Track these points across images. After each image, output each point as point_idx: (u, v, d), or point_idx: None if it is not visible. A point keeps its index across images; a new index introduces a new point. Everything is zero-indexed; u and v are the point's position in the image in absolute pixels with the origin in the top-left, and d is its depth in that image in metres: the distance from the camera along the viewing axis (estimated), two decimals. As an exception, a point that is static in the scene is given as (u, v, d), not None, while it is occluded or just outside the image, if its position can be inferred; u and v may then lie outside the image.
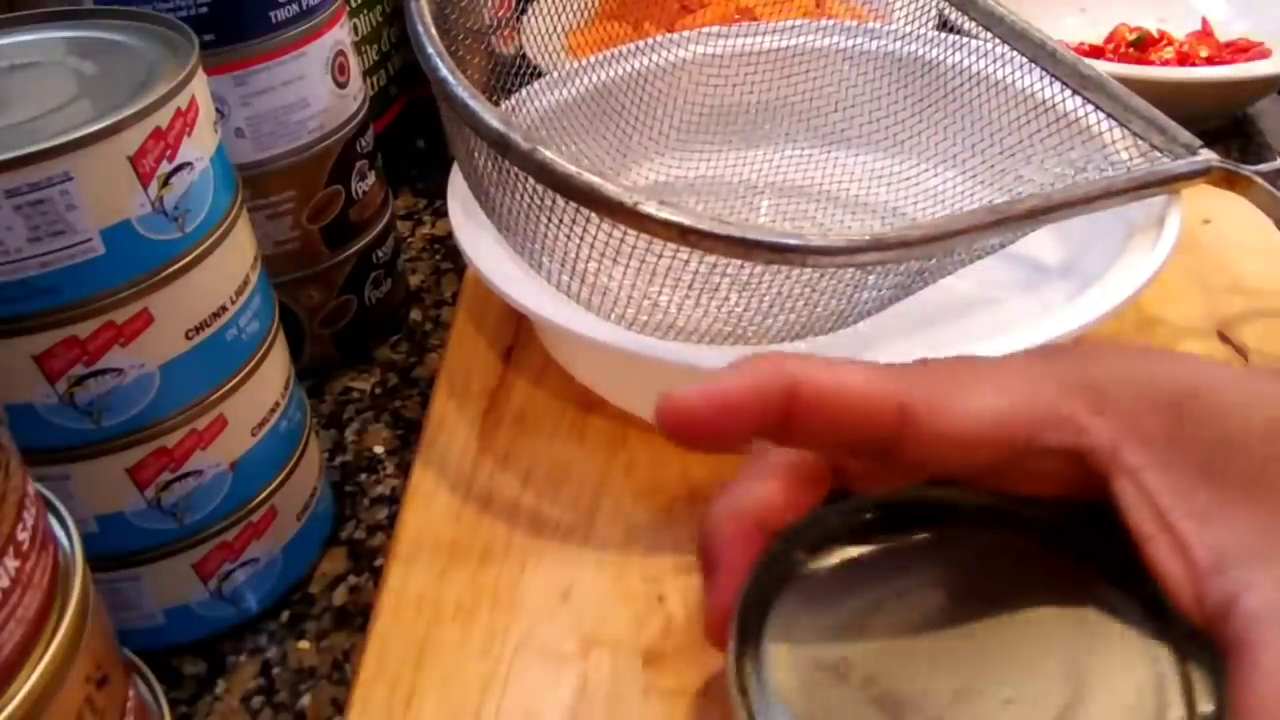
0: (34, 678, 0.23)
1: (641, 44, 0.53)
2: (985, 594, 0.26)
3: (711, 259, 0.34)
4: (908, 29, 0.52)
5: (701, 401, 0.25)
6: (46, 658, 0.23)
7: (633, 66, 0.53)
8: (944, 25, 0.52)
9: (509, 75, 0.50)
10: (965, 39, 0.50)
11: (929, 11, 0.53)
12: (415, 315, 0.53)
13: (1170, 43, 0.68)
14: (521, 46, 0.54)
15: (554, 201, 0.34)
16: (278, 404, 0.37)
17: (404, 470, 0.44)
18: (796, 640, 0.25)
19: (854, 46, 0.52)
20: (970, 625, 0.25)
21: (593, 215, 0.33)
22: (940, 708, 0.24)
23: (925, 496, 0.28)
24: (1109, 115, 0.44)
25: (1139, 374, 0.26)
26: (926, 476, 0.27)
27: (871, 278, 0.37)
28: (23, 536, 0.23)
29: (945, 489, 0.27)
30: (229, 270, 0.34)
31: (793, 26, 0.53)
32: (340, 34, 0.44)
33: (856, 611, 0.26)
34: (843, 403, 0.25)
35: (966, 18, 0.49)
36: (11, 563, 0.23)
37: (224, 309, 0.34)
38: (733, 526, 0.27)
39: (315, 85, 0.43)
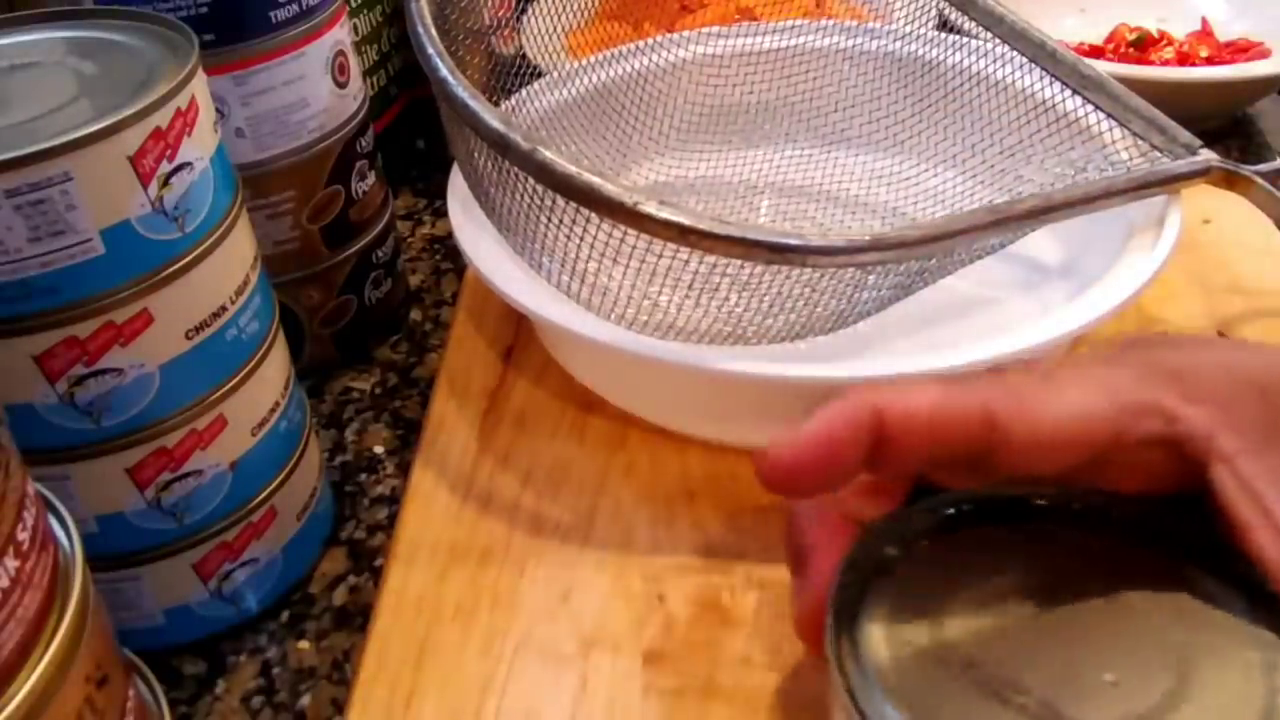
0: (34, 678, 0.23)
1: (641, 44, 0.53)
2: (1078, 585, 0.26)
3: (711, 259, 0.34)
4: (908, 29, 0.52)
5: (798, 451, 0.25)
6: (46, 658, 0.23)
7: (632, 67, 0.53)
8: (944, 25, 0.52)
9: (509, 75, 0.50)
10: (965, 39, 0.50)
11: (929, 11, 0.53)
12: (415, 315, 0.53)
13: (1170, 43, 0.68)
14: (521, 47, 0.54)
15: (554, 201, 0.34)
16: (278, 404, 0.37)
17: (404, 470, 0.44)
18: (893, 626, 0.25)
19: (854, 46, 0.52)
20: (1066, 613, 0.25)
21: (593, 215, 0.33)
22: (1043, 688, 0.24)
23: (1007, 493, 0.28)
24: (1109, 115, 0.44)
25: (1222, 361, 0.26)
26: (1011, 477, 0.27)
27: (871, 278, 0.37)
28: (23, 536, 0.23)
29: (1026, 485, 0.27)
30: (229, 270, 0.34)
31: (793, 26, 0.53)
32: (340, 34, 0.44)
33: (951, 600, 0.26)
34: (929, 422, 0.25)
35: (966, 18, 0.49)
36: (11, 563, 0.23)
37: (224, 309, 0.34)
38: (822, 520, 0.28)
39: (315, 85, 0.43)
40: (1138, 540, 0.27)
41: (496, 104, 0.36)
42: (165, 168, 0.31)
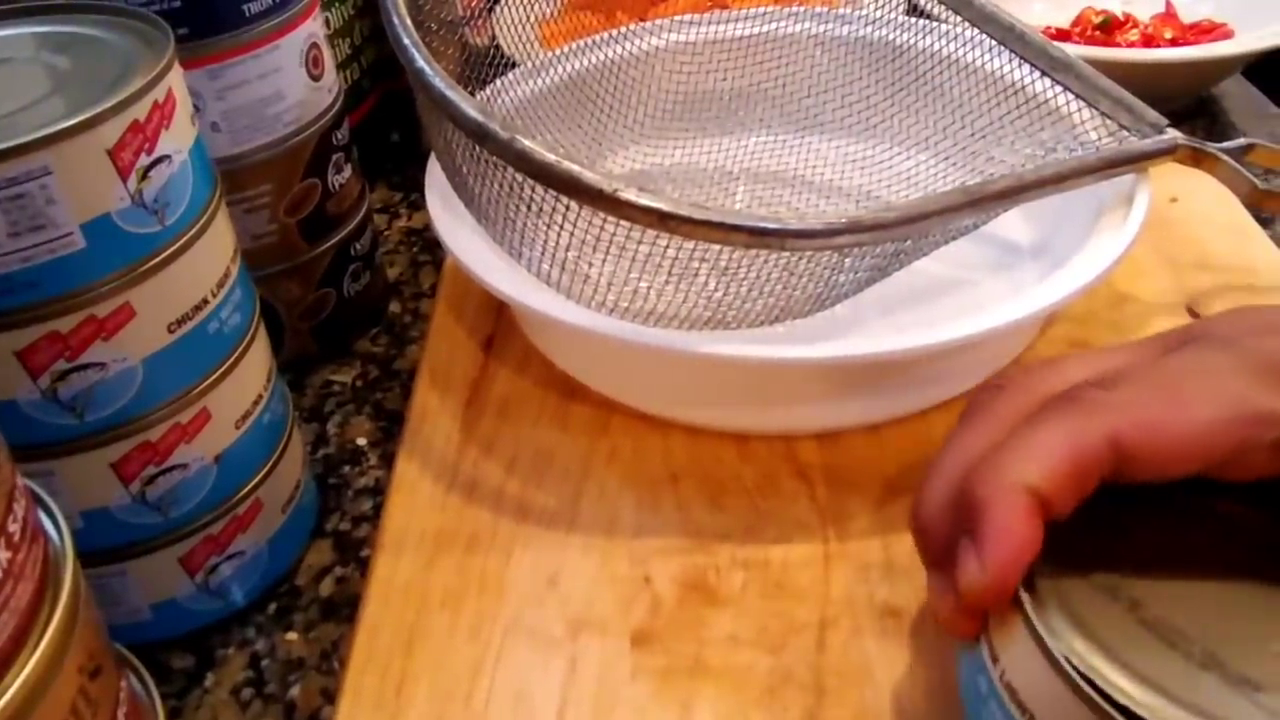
0: (28, 668, 0.23)
1: (614, 33, 0.53)
2: (1243, 555, 0.27)
3: (690, 244, 0.34)
4: (878, 14, 0.52)
5: (996, 577, 0.26)
6: (40, 649, 0.23)
7: (606, 55, 0.53)
8: (913, 10, 0.53)
9: (483, 66, 0.51)
10: (935, 23, 0.50)
11: (898, -4, 0.53)
12: (394, 308, 0.54)
13: (1135, 25, 0.69)
14: (495, 38, 0.54)
15: (533, 190, 0.34)
16: (260, 397, 0.37)
17: (387, 462, 0.44)
18: (1066, 564, 0.27)
19: (825, 32, 0.53)
20: (1233, 581, 0.26)
21: (572, 203, 0.34)
22: (1208, 641, 0.25)
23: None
24: (1077, 96, 0.45)
25: None
26: None
27: (848, 260, 0.38)
28: (13, 528, 0.23)
29: None
30: (210, 263, 0.34)
31: (764, 13, 0.53)
32: (314, 27, 0.44)
33: (1115, 549, 0.27)
34: (1074, 475, 0.26)
35: (935, 2, 0.50)
36: (3, 554, 0.23)
37: (205, 302, 0.34)
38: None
39: (290, 78, 0.43)
40: None
41: (472, 95, 0.36)
42: (144, 161, 0.31)
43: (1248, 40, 0.63)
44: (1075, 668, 0.24)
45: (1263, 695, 0.23)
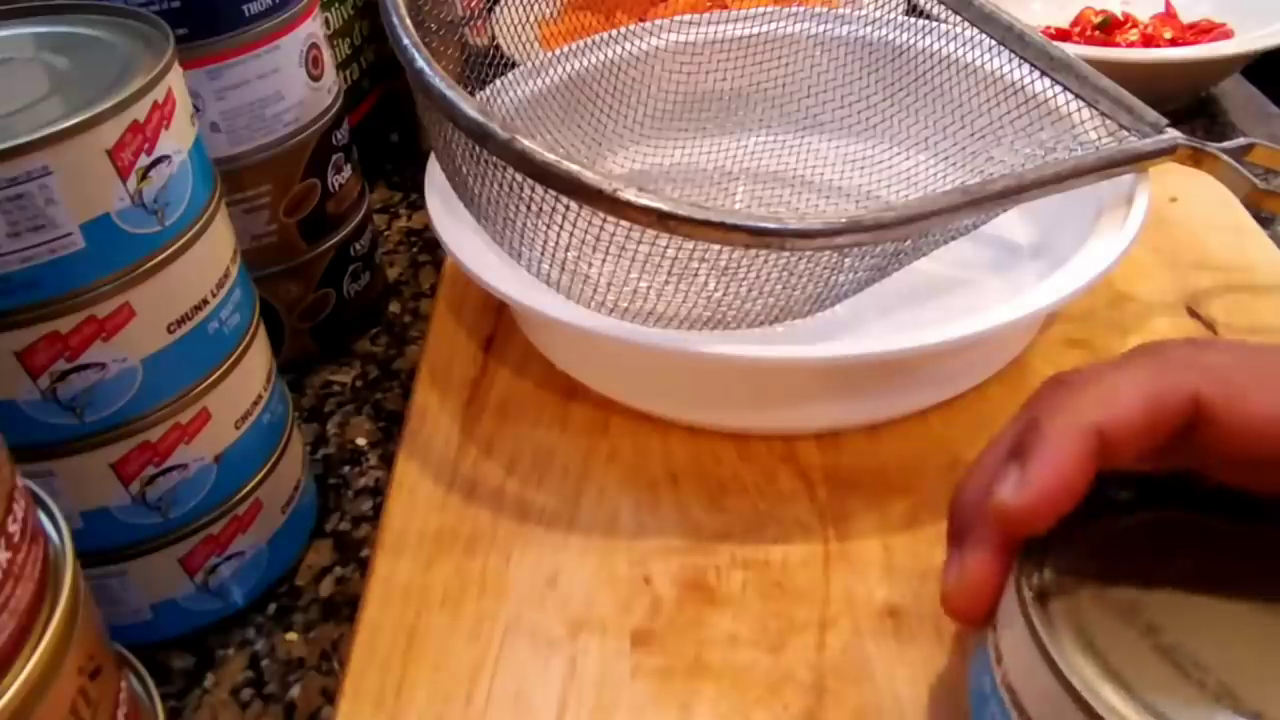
0: (28, 669, 0.23)
1: (614, 33, 0.53)
2: (1263, 578, 0.26)
3: (690, 244, 0.34)
4: (877, 14, 0.52)
5: (1039, 495, 0.25)
6: (40, 649, 0.23)
7: (606, 56, 0.53)
8: (913, 10, 0.53)
9: (483, 67, 0.51)
10: (934, 23, 0.50)
11: (898, -4, 0.53)
12: (394, 308, 0.54)
13: (1135, 25, 0.69)
14: (494, 38, 0.54)
15: (533, 190, 0.34)
16: (260, 397, 0.37)
17: (387, 462, 0.44)
18: (1078, 579, 0.26)
19: (825, 32, 0.53)
20: (1252, 605, 0.25)
21: (572, 203, 0.34)
22: (1224, 670, 0.24)
23: (1180, 478, 0.28)
24: (1077, 96, 0.45)
25: None
26: (1196, 465, 0.27)
27: (848, 260, 0.38)
28: (13, 528, 0.23)
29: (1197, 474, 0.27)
30: (209, 263, 0.34)
31: (764, 13, 0.54)
32: (313, 27, 0.44)
33: (1135, 568, 0.26)
34: (1146, 423, 0.25)
35: (935, 2, 0.50)
36: (3, 554, 0.23)
37: (205, 302, 0.34)
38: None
39: (290, 78, 0.43)
40: None
41: (472, 95, 0.36)
42: (144, 161, 0.31)
43: (1247, 40, 0.63)
44: (1074, 686, 0.23)
45: None
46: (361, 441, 0.46)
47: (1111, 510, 0.27)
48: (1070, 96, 0.45)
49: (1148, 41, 0.67)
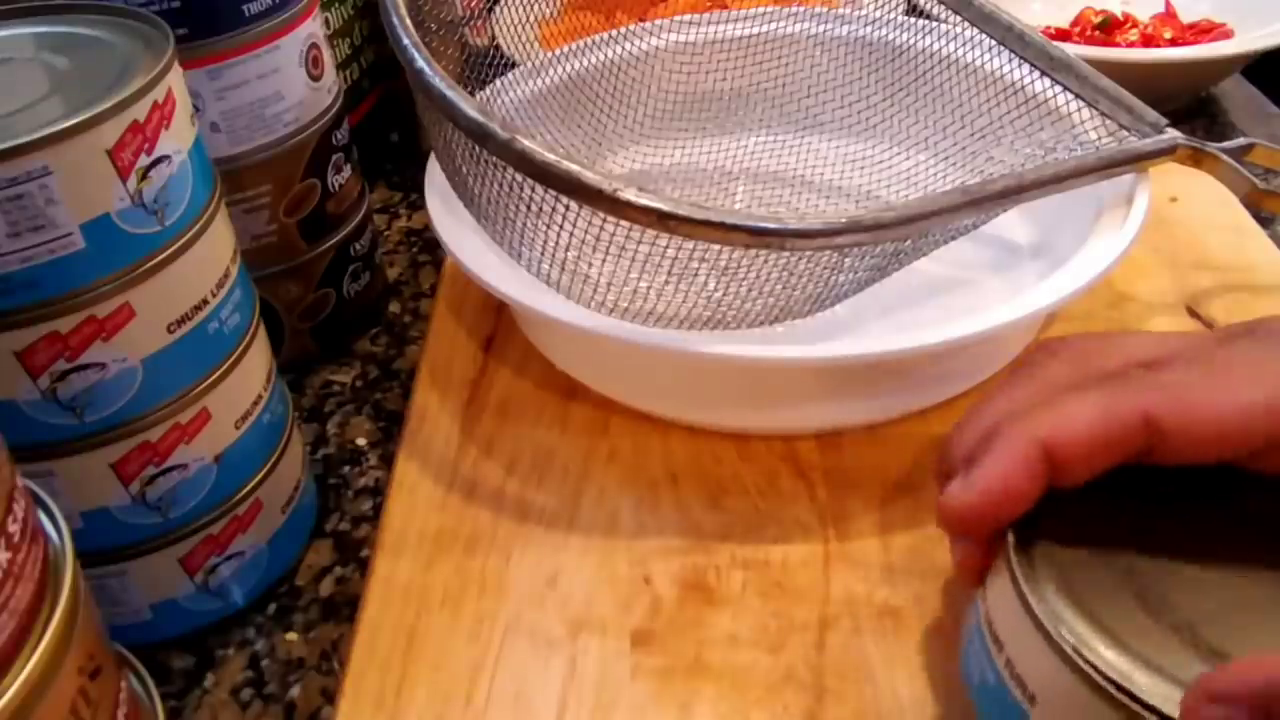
0: (28, 669, 0.23)
1: (614, 33, 0.53)
2: (1243, 538, 0.27)
3: (690, 244, 0.34)
4: (877, 14, 0.52)
5: (975, 501, 0.27)
6: (40, 649, 0.23)
7: (605, 56, 0.53)
8: (913, 10, 0.53)
9: (483, 67, 0.51)
10: (934, 23, 0.50)
11: (898, -4, 0.53)
12: (394, 308, 0.54)
13: (1135, 25, 0.69)
14: (494, 38, 0.54)
15: (533, 190, 0.34)
16: (260, 397, 0.37)
17: (387, 462, 0.44)
18: (1064, 526, 0.27)
19: (825, 32, 0.53)
20: (1229, 560, 0.27)
21: (572, 203, 0.34)
22: (1190, 612, 0.25)
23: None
24: (1077, 96, 0.45)
25: None
26: None
27: (848, 260, 0.38)
28: (13, 528, 0.23)
29: None
30: (209, 263, 0.34)
31: (764, 13, 0.54)
32: (313, 27, 0.44)
33: (1118, 520, 0.28)
34: (1094, 444, 0.26)
35: (935, 2, 0.50)
36: (3, 554, 0.23)
37: (205, 302, 0.34)
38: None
39: (290, 78, 0.43)
40: None
41: (472, 95, 0.36)
42: (144, 161, 0.31)
43: (1247, 40, 0.63)
44: (1040, 612, 0.25)
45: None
46: (361, 441, 0.46)
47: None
48: (1070, 96, 0.45)
49: (1148, 41, 0.67)
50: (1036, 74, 0.46)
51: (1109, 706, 0.24)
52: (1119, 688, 0.24)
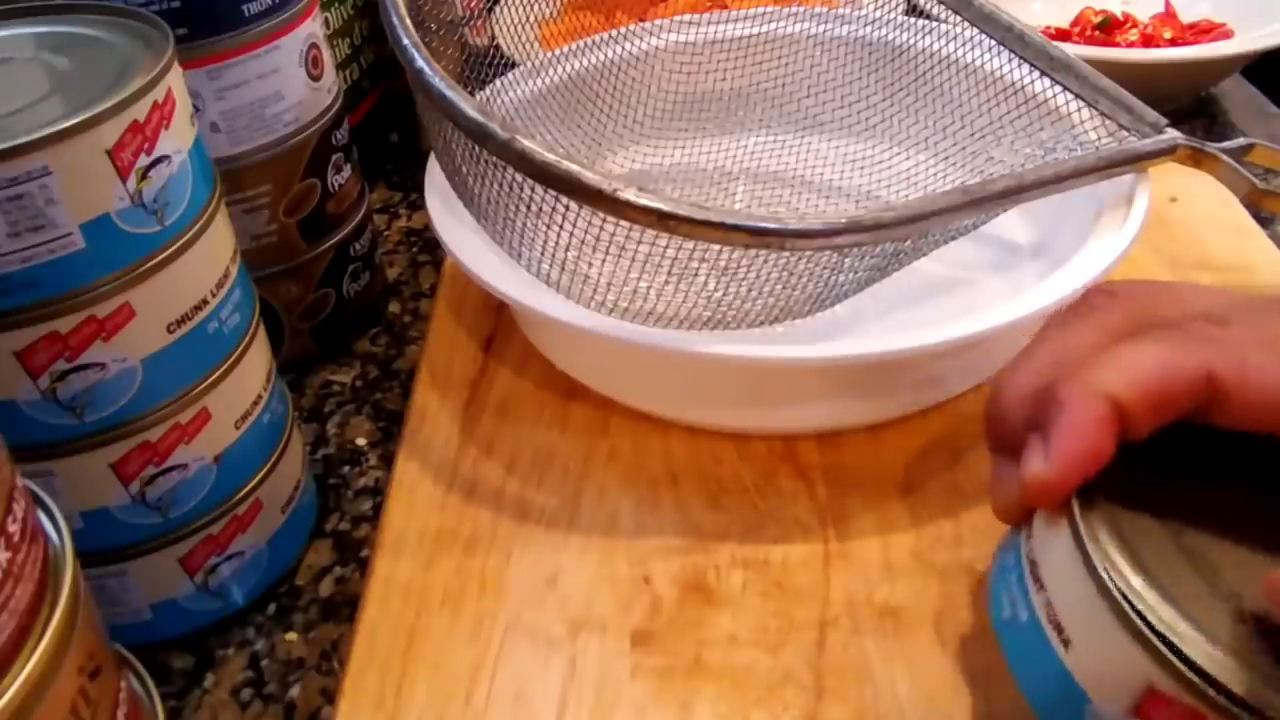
0: (28, 669, 0.23)
1: (614, 33, 0.53)
2: None
3: (690, 245, 0.34)
4: (877, 14, 0.52)
5: (1062, 469, 0.26)
6: (40, 649, 0.23)
7: (605, 56, 0.53)
8: (913, 10, 0.53)
9: (482, 67, 0.51)
10: (934, 23, 0.50)
11: (898, -4, 0.53)
12: (394, 308, 0.54)
13: (1135, 25, 0.69)
14: (494, 38, 0.54)
15: (533, 190, 0.34)
16: (260, 397, 0.37)
17: (387, 462, 0.44)
18: (1122, 488, 0.27)
19: (825, 32, 0.53)
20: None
21: (572, 203, 0.34)
22: (1234, 575, 0.25)
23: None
24: (1077, 96, 0.45)
25: None
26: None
27: (848, 260, 0.38)
28: (13, 528, 0.23)
29: None
30: (209, 263, 0.34)
31: (764, 13, 0.54)
32: (313, 27, 0.44)
33: (1170, 493, 0.27)
34: (1159, 394, 0.26)
35: (935, 2, 0.50)
36: (3, 554, 0.23)
37: (205, 302, 0.34)
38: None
39: (290, 78, 0.43)
40: None
41: (472, 95, 0.36)
42: (144, 161, 0.31)
43: (1247, 40, 0.63)
44: (1096, 560, 0.25)
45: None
46: (361, 441, 0.46)
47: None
48: (1070, 96, 0.45)
49: (1147, 41, 0.67)
50: (1036, 74, 0.46)
51: (1151, 660, 0.24)
52: (1165, 641, 0.24)
